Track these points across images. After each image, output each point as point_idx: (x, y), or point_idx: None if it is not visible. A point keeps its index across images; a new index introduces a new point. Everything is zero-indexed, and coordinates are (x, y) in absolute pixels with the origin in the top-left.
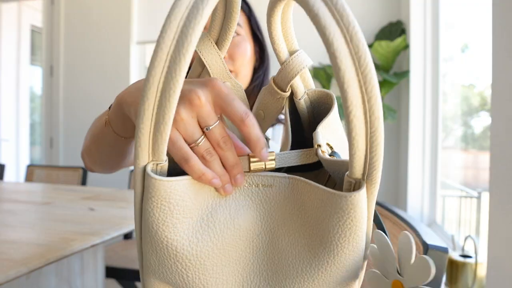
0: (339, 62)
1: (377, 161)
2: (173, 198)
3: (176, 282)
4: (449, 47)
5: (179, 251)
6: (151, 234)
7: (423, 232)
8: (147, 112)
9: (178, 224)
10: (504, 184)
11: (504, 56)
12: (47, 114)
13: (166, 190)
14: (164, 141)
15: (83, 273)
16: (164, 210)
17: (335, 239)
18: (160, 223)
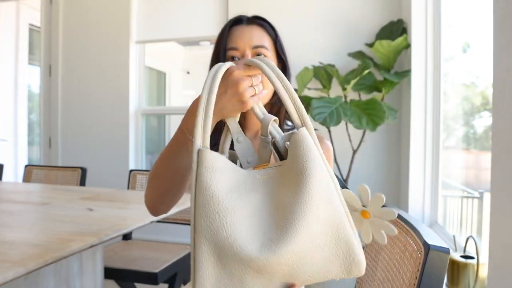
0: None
1: (303, 114)
2: (216, 164)
3: (217, 233)
4: (450, 46)
5: (220, 202)
6: (203, 191)
7: (425, 233)
8: (200, 115)
9: (219, 183)
10: (505, 184)
11: (505, 55)
12: (46, 113)
13: (212, 158)
14: (208, 132)
15: (82, 274)
16: (211, 171)
17: (303, 165)
18: (209, 179)
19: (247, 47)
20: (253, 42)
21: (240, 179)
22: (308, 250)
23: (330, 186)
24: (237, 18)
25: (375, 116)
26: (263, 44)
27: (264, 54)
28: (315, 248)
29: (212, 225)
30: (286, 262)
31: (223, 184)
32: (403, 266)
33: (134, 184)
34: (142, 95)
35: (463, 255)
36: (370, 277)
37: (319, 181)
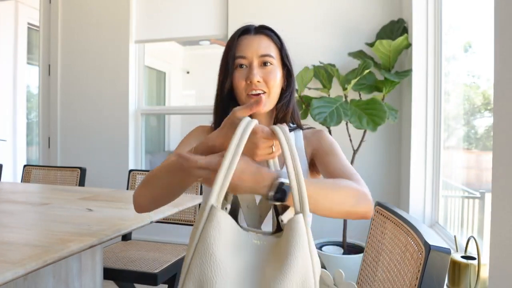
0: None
1: (304, 204)
2: (223, 225)
3: (205, 285)
4: (451, 46)
5: (217, 261)
6: (204, 246)
7: (425, 233)
8: (222, 173)
9: (220, 245)
10: (507, 184)
11: (507, 54)
12: (45, 113)
13: (221, 219)
14: (224, 190)
15: (81, 275)
16: (217, 231)
17: (292, 250)
18: (212, 239)
19: (254, 56)
20: (260, 52)
21: (239, 240)
22: None
23: (309, 270)
24: (245, 28)
25: (375, 116)
26: (269, 53)
27: (270, 62)
28: None
29: (203, 277)
30: None
31: (224, 245)
32: (403, 267)
33: (133, 184)
34: (141, 95)
35: (464, 255)
36: (371, 278)
37: (301, 266)
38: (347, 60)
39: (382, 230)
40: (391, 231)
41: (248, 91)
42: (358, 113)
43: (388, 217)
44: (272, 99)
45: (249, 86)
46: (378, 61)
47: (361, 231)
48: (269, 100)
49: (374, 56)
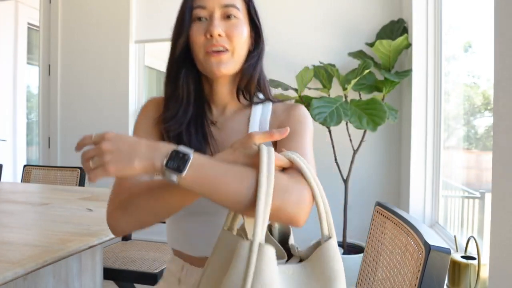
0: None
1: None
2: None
3: None
4: (451, 45)
5: None
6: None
7: (425, 233)
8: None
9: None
10: (507, 184)
11: (507, 54)
12: (45, 113)
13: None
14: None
15: (81, 275)
16: (273, 270)
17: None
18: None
19: (216, 6)
20: (223, 1)
21: None
22: None
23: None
24: None
25: (375, 116)
26: (234, 4)
27: (235, 15)
28: None
29: None
30: None
31: (276, 280)
32: (403, 267)
33: None
34: (141, 95)
35: (464, 255)
36: (371, 277)
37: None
38: (347, 60)
39: (382, 230)
40: (391, 231)
41: (208, 48)
42: (358, 113)
43: (388, 217)
44: (236, 60)
45: (209, 41)
46: (378, 61)
47: (361, 231)
48: (232, 60)
49: (374, 56)
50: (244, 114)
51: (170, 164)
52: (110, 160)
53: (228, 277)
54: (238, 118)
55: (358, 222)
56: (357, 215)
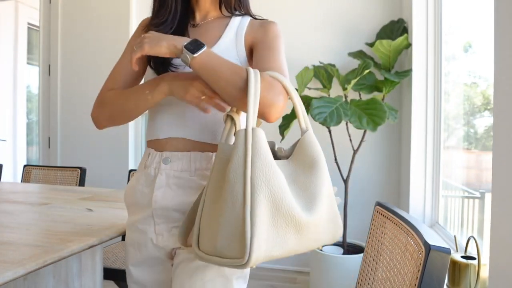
0: None
1: (307, 122)
2: (265, 140)
3: (276, 194)
4: (451, 45)
5: (276, 170)
6: (262, 158)
7: (425, 233)
8: (251, 105)
9: (269, 154)
10: (507, 185)
11: (507, 54)
12: (45, 113)
13: (264, 135)
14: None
15: (81, 275)
16: (265, 143)
17: (316, 159)
18: (266, 149)
19: None
20: None
21: None
22: (325, 216)
23: (329, 176)
24: None
25: (375, 116)
26: None
27: None
28: (326, 214)
29: (272, 185)
30: (316, 223)
31: (272, 158)
32: (403, 267)
33: None
34: None
35: (464, 255)
36: (371, 278)
37: (326, 170)
38: (347, 60)
39: (382, 230)
40: (391, 231)
41: None
42: (358, 113)
43: (388, 217)
44: None
45: None
46: (378, 61)
47: (361, 231)
48: None
49: (374, 56)
50: (223, 22)
51: (188, 46)
52: (146, 42)
53: (231, 162)
54: (217, 24)
55: (358, 222)
56: (357, 215)
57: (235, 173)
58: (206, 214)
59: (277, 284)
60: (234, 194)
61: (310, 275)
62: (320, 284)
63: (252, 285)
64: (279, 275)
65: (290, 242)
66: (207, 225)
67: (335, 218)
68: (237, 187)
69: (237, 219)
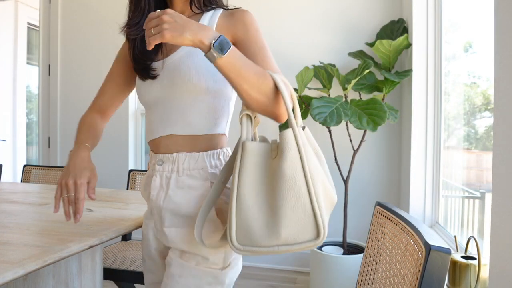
0: None
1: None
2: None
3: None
4: (451, 45)
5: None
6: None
7: (426, 233)
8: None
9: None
10: (507, 185)
11: (507, 54)
12: (45, 113)
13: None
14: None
15: (81, 275)
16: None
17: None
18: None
19: None
20: None
21: None
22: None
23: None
24: None
25: (375, 116)
26: None
27: None
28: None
29: (320, 177)
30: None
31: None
32: (404, 267)
33: (133, 184)
34: None
35: (464, 255)
36: (371, 278)
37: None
38: (347, 60)
39: (382, 230)
40: (391, 231)
41: None
42: (358, 113)
43: (388, 217)
44: None
45: None
46: (378, 61)
47: (361, 231)
48: None
49: (374, 56)
50: (194, 19)
51: (216, 45)
52: (168, 28)
53: (286, 159)
54: None
55: (358, 222)
56: (357, 215)
57: (293, 168)
58: (247, 208)
59: (277, 284)
60: (296, 186)
61: (310, 275)
62: (320, 284)
63: (252, 285)
64: (279, 275)
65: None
66: (250, 218)
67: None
68: (298, 180)
69: (305, 206)
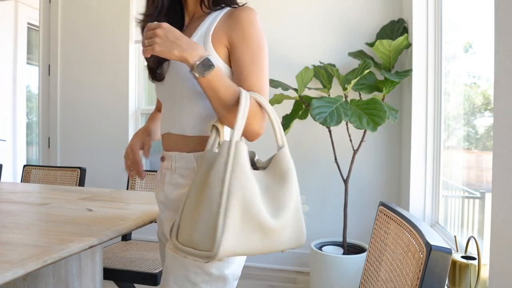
0: None
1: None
2: (246, 153)
3: (248, 198)
4: (451, 45)
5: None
6: (240, 167)
7: (427, 233)
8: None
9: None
10: (507, 185)
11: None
12: (45, 113)
13: (246, 148)
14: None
15: (81, 275)
16: (246, 156)
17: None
18: (245, 161)
19: None
20: None
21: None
22: (290, 222)
23: (298, 189)
24: None
25: (376, 116)
26: None
27: None
28: (291, 223)
29: (246, 193)
30: (281, 229)
31: (250, 169)
32: (405, 267)
33: (133, 184)
34: (141, 95)
35: (464, 255)
36: (374, 278)
37: (296, 184)
38: (347, 60)
39: (385, 230)
40: (394, 231)
41: None
42: (358, 113)
43: (391, 217)
44: None
45: None
46: (378, 61)
47: (361, 231)
48: None
49: (374, 56)
50: (201, 20)
51: (199, 66)
52: (158, 43)
53: (213, 169)
54: (196, 23)
55: (358, 222)
56: (357, 215)
57: (216, 178)
58: (187, 212)
59: (277, 284)
60: (212, 196)
61: (310, 275)
62: (320, 284)
63: (252, 285)
64: (279, 275)
65: (255, 243)
66: (187, 221)
67: (299, 225)
68: (215, 191)
69: (212, 218)
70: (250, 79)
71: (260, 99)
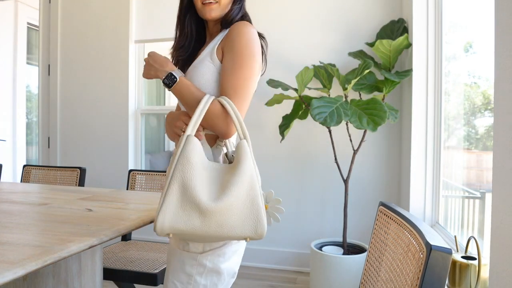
0: None
1: (245, 132)
2: (196, 146)
3: (186, 182)
4: (452, 45)
5: (193, 166)
6: (184, 157)
7: (427, 233)
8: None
9: (195, 157)
10: (507, 185)
11: (507, 55)
12: (44, 113)
13: (196, 142)
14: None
15: (81, 275)
16: (193, 149)
17: (240, 161)
18: (190, 153)
19: None
20: None
21: (206, 163)
22: (235, 207)
23: (254, 176)
24: None
25: (376, 116)
26: None
27: None
28: (238, 208)
29: (185, 176)
30: (221, 212)
31: (198, 158)
32: (405, 267)
33: (133, 184)
34: (141, 95)
35: (464, 255)
36: (374, 278)
37: (248, 173)
38: (347, 60)
39: (385, 230)
40: (394, 231)
41: (203, 0)
42: (358, 113)
43: (392, 218)
44: (222, 7)
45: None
46: (378, 61)
47: (361, 231)
48: (219, 8)
49: (374, 56)
50: (214, 36)
51: (165, 80)
52: (145, 68)
53: (171, 160)
54: (211, 39)
55: (358, 222)
56: (357, 215)
57: (170, 166)
58: None
59: (277, 284)
60: (165, 179)
61: (310, 275)
62: (320, 284)
63: (252, 285)
64: (279, 275)
65: (195, 221)
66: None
67: (256, 214)
68: (167, 175)
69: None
70: (228, 82)
71: (226, 102)
